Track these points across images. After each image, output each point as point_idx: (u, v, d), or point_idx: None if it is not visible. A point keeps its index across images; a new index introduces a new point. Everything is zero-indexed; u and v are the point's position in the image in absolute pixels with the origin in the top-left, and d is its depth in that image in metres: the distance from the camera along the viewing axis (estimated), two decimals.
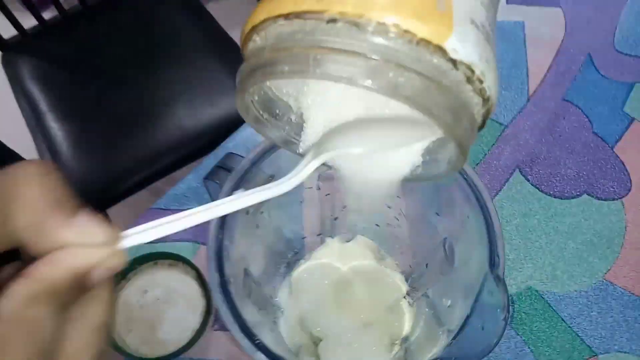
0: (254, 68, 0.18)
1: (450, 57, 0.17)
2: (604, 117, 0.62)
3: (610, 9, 0.70)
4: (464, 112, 0.19)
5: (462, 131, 0.19)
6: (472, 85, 0.18)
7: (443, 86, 0.17)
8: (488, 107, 0.20)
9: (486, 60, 0.18)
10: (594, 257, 0.53)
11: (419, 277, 0.37)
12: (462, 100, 0.18)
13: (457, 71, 0.18)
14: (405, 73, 0.17)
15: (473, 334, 0.23)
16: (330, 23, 0.17)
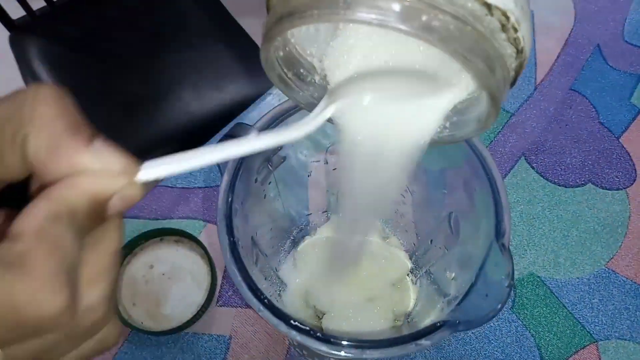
0: (282, 15, 0.18)
1: (485, 1, 0.17)
2: (610, 108, 0.61)
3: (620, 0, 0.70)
4: (498, 61, 0.18)
5: (495, 81, 0.18)
6: (506, 34, 0.18)
7: (478, 31, 0.17)
8: (521, 59, 0.19)
9: (521, 8, 0.18)
10: (596, 246, 0.53)
11: (423, 254, 0.38)
12: (497, 49, 0.18)
13: (492, 17, 0.17)
14: (439, 16, 0.16)
15: (477, 301, 0.24)
16: None
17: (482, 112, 0.21)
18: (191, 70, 0.90)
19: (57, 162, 0.15)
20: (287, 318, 0.23)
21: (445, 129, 0.23)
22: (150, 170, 0.17)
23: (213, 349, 0.47)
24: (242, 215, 0.28)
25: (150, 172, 0.17)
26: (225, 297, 0.49)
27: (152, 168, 0.17)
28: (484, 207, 0.27)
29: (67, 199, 0.15)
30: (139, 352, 0.47)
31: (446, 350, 0.48)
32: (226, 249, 0.24)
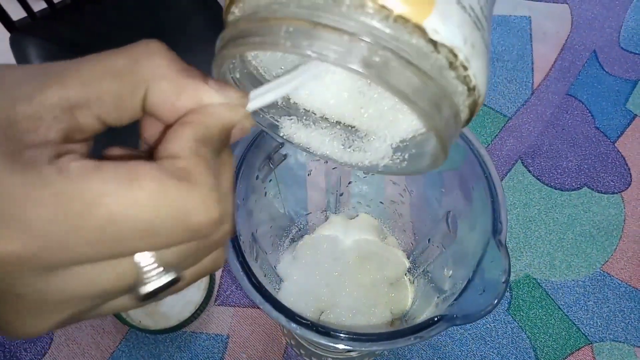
0: (228, 40, 0.18)
1: (430, 38, 0.16)
2: (606, 113, 0.62)
3: (616, 7, 0.71)
4: (445, 100, 0.17)
5: (441, 121, 0.17)
6: (455, 72, 0.17)
7: (422, 69, 0.16)
8: (474, 97, 0.18)
9: (472, 45, 0.17)
10: (592, 249, 0.54)
11: (420, 253, 0.38)
12: (444, 87, 0.17)
13: (439, 54, 0.16)
14: (379, 51, 0.15)
15: (474, 296, 0.24)
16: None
17: (434, 149, 0.20)
18: None
19: (185, 101, 0.17)
20: (288, 311, 0.23)
21: (404, 161, 0.23)
22: (258, 99, 0.18)
23: (211, 347, 0.47)
24: (244, 212, 0.28)
25: (258, 101, 0.18)
26: (223, 296, 0.50)
27: (258, 97, 0.18)
28: (481, 205, 0.27)
29: (206, 124, 0.17)
30: (137, 350, 0.47)
31: (442, 351, 0.48)
32: (228, 243, 0.25)
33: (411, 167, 0.23)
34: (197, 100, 0.17)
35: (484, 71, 0.18)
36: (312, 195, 0.40)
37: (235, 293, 0.50)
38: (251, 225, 0.31)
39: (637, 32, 0.69)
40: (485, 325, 0.49)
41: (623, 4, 0.71)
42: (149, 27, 0.98)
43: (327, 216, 0.43)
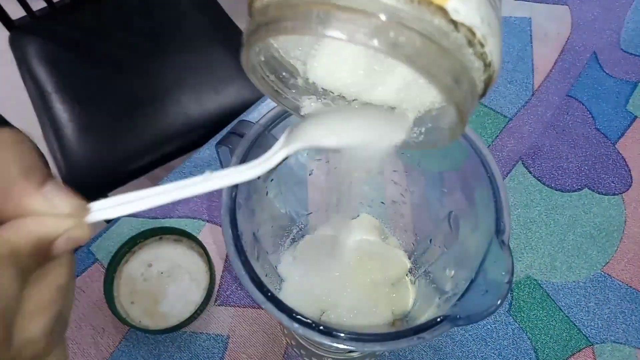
0: (259, 25, 0.18)
1: (451, 18, 0.17)
2: (606, 114, 0.62)
3: (616, 8, 0.71)
4: (464, 75, 0.18)
5: (461, 95, 0.18)
6: (473, 49, 0.18)
7: (443, 47, 0.17)
8: (489, 73, 0.19)
9: (488, 24, 0.18)
10: (592, 250, 0.54)
11: (422, 254, 0.38)
12: (463, 63, 0.18)
13: (459, 33, 0.17)
14: (405, 32, 0.17)
15: (477, 297, 0.24)
16: None
17: (452, 122, 0.21)
18: (190, 73, 0.91)
19: (6, 204, 0.16)
20: (290, 311, 0.23)
21: (420, 135, 0.24)
22: (98, 212, 0.18)
23: (211, 348, 0.47)
24: (245, 211, 0.28)
25: (100, 213, 0.18)
26: (223, 296, 0.49)
27: (101, 210, 0.18)
28: (483, 205, 0.27)
29: (9, 240, 0.16)
30: (137, 350, 0.47)
31: (443, 351, 0.48)
32: (230, 242, 0.24)
33: (428, 141, 0.24)
34: (21, 207, 0.16)
35: (498, 48, 0.19)
36: (313, 196, 0.40)
37: (235, 293, 0.50)
38: (253, 224, 0.31)
39: (637, 34, 0.69)
40: (486, 327, 0.49)
41: (623, 5, 0.71)
42: (147, 27, 0.98)
43: (328, 216, 0.43)
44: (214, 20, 0.99)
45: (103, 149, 0.84)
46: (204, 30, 0.97)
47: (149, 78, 0.91)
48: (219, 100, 0.88)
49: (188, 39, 0.96)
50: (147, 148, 0.85)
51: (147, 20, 0.99)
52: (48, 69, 0.91)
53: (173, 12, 0.99)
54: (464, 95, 0.19)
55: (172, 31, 0.97)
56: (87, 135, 0.84)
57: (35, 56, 0.93)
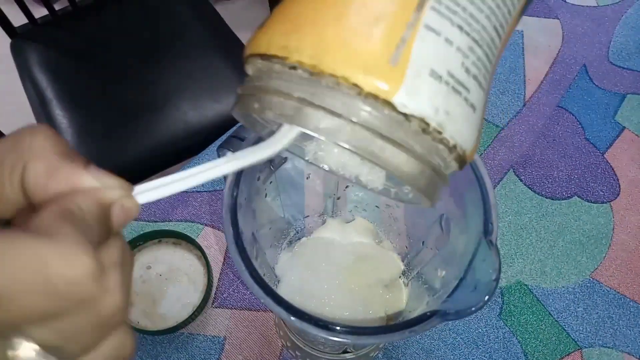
0: (240, 95, 0.20)
1: (400, 111, 0.17)
2: (596, 125, 0.64)
3: (606, 23, 0.73)
4: (422, 161, 0.19)
5: (417, 180, 0.19)
6: (430, 136, 0.18)
7: (391, 138, 0.18)
8: (458, 153, 0.19)
9: (445, 112, 0.18)
10: (581, 256, 0.55)
11: (414, 256, 0.39)
12: (419, 150, 0.18)
13: (411, 123, 0.18)
14: (350, 124, 0.17)
15: (466, 293, 0.25)
16: (292, 69, 0.18)
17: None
18: (189, 81, 0.92)
19: (58, 183, 0.16)
20: (288, 305, 0.24)
21: (409, 193, 0.25)
22: (144, 194, 0.19)
23: (207, 349, 0.48)
24: (246, 211, 0.29)
25: (142, 196, 0.19)
26: (221, 298, 0.50)
27: (145, 192, 0.19)
28: (473, 207, 0.29)
29: (75, 201, 0.16)
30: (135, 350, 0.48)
31: (435, 354, 0.49)
32: (231, 240, 0.26)
33: (415, 200, 0.25)
34: (71, 184, 0.17)
35: (466, 130, 0.19)
36: (309, 199, 0.41)
37: (232, 296, 0.50)
38: (252, 225, 0.32)
39: (626, 47, 0.71)
40: (477, 330, 0.51)
41: (612, 20, 0.73)
42: (148, 35, 0.99)
43: (324, 220, 0.44)
44: (213, 30, 1.00)
45: (102, 155, 0.85)
46: (204, 39, 0.98)
47: (149, 85, 0.92)
48: (218, 108, 0.89)
49: (188, 47, 0.97)
50: (146, 155, 0.86)
51: (148, 28, 1.00)
52: (49, 76, 0.93)
53: (173, 21, 1.01)
54: (420, 180, 0.19)
55: (172, 40, 0.98)
56: (86, 142, 0.85)
57: (36, 63, 0.94)
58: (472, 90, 0.19)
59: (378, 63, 0.17)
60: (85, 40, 0.98)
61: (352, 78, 0.17)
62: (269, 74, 0.19)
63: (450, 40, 0.18)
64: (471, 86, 0.19)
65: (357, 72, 0.17)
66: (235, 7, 1.67)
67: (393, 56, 0.17)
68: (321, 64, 0.17)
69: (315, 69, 0.17)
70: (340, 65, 0.17)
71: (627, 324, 0.52)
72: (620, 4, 0.75)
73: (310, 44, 0.18)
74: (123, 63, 0.95)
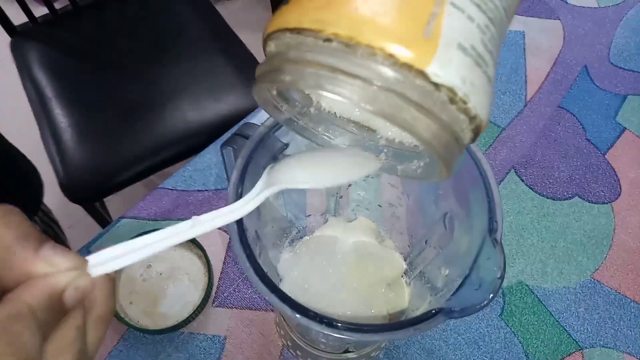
0: (266, 71, 0.20)
1: (432, 81, 0.18)
2: (597, 125, 0.64)
3: (607, 24, 0.73)
4: (447, 130, 0.20)
5: (442, 148, 0.20)
6: (455, 105, 0.19)
7: (422, 106, 0.19)
8: (477, 123, 0.20)
9: (471, 83, 0.19)
10: (582, 257, 0.55)
11: (417, 255, 0.39)
12: (445, 119, 0.19)
13: (440, 92, 0.19)
14: (385, 92, 0.18)
15: (470, 292, 0.25)
16: (326, 42, 0.19)
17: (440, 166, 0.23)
18: (190, 80, 0.92)
19: (11, 273, 0.17)
20: (292, 302, 0.24)
21: (419, 168, 0.26)
22: (98, 266, 0.19)
23: (208, 348, 0.48)
24: None
25: (99, 268, 0.19)
26: (221, 297, 0.50)
27: (99, 264, 0.19)
28: (477, 205, 0.28)
29: (25, 299, 0.17)
30: (135, 350, 0.47)
31: (437, 354, 0.49)
32: (235, 237, 0.25)
33: (426, 174, 0.25)
34: (25, 272, 0.18)
35: (485, 102, 0.20)
36: (311, 199, 0.41)
37: (233, 295, 0.50)
38: (256, 223, 0.32)
39: (627, 49, 0.71)
40: (479, 330, 0.50)
41: (613, 21, 0.73)
42: (148, 34, 0.99)
43: (327, 219, 0.44)
44: (214, 29, 1.00)
45: (102, 154, 0.85)
46: (204, 38, 0.98)
47: (149, 84, 0.92)
48: (218, 107, 0.89)
49: (188, 46, 0.97)
50: (145, 154, 0.86)
51: (148, 27, 1.00)
52: (48, 75, 0.92)
53: (174, 20, 1.01)
54: (445, 147, 0.20)
55: (173, 39, 0.98)
56: (86, 141, 0.85)
57: (36, 62, 0.94)
58: (489, 64, 0.20)
59: (413, 35, 0.18)
60: (85, 40, 0.98)
61: (389, 48, 0.18)
62: (298, 48, 0.19)
63: (472, 17, 0.19)
64: (488, 60, 0.20)
65: (393, 43, 0.18)
66: (236, 7, 1.67)
67: (427, 29, 0.18)
68: (358, 35, 0.18)
69: (352, 40, 0.18)
70: (377, 37, 0.18)
71: (627, 325, 0.52)
72: (621, 5, 0.75)
73: (346, 18, 0.18)
74: (123, 62, 0.95)
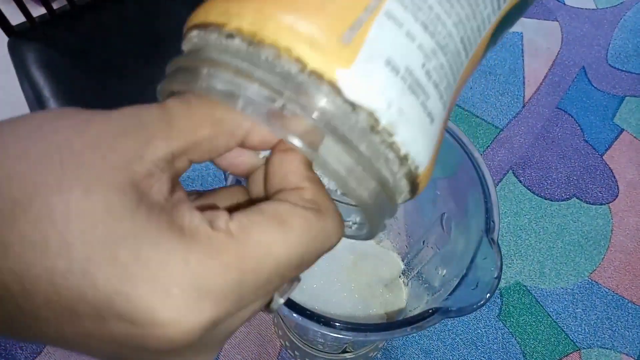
0: (166, 74, 0.18)
1: (345, 97, 0.15)
2: (594, 127, 0.64)
3: (605, 25, 0.73)
4: (368, 168, 0.16)
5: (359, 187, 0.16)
6: (378, 137, 0.15)
7: (335, 128, 0.15)
8: (409, 167, 0.16)
9: (399, 110, 0.15)
10: (580, 258, 0.55)
11: (415, 256, 0.39)
12: (364, 151, 0.15)
13: (358, 116, 0.15)
14: (289, 104, 0.15)
15: (468, 291, 0.25)
16: (229, 38, 0.16)
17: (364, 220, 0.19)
18: None
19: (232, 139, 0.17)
20: (290, 301, 0.24)
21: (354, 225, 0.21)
22: None
23: None
24: None
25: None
26: None
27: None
28: (474, 205, 0.28)
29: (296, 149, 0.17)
30: None
31: (434, 355, 0.49)
32: None
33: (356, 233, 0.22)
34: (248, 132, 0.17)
35: (421, 140, 0.16)
36: None
37: None
38: None
39: (625, 50, 0.71)
40: (476, 331, 0.50)
41: (611, 23, 0.74)
42: (146, 34, 0.99)
43: None
44: None
45: None
46: None
47: (147, 85, 0.92)
48: None
49: None
50: None
51: (147, 27, 1.00)
52: (46, 75, 0.92)
53: (172, 20, 1.01)
54: (363, 189, 0.16)
55: (171, 39, 0.98)
56: None
57: (34, 62, 0.94)
58: (431, 97, 0.16)
59: (328, 38, 0.15)
60: (83, 39, 0.98)
61: (296, 50, 0.15)
62: (202, 49, 0.16)
63: (412, 35, 0.15)
64: (431, 92, 0.16)
65: (302, 44, 0.15)
66: None
67: (346, 34, 0.15)
68: (262, 30, 0.15)
69: (255, 37, 0.15)
70: (284, 35, 0.15)
71: (625, 325, 0.52)
72: (619, 6, 0.75)
73: (253, 9, 0.15)
74: (121, 62, 0.94)
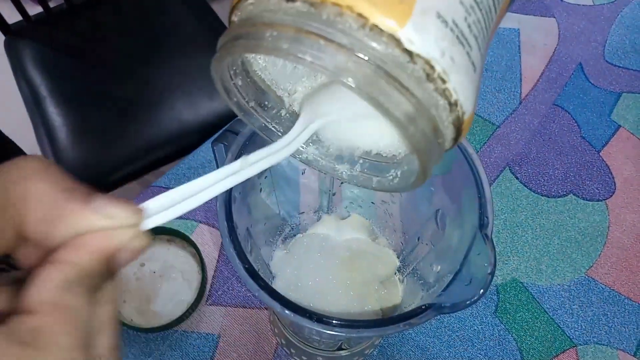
0: (222, 44, 0.18)
1: (405, 48, 0.16)
2: (591, 123, 0.64)
3: (602, 21, 0.73)
4: (423, 114, 0.17)
5: (416, 132, 0.17)
6: (433, 84, 0.17)
7: (395, 78, 0.16)
8: (457, 114, 0.18)
9: (451, 59, 0.17)
10: (577, 254, 0.55)
11: (410, 252, 0.39)
12: (421, 97, 0.17)
13: (415, 65, 0.16)
14: (353, 57, 0.16)
15: (461, 287, 0.25)
16: (289, 2, 0.16)
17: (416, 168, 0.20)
18: (184, 78, 0.92)
19: (60, 229, 0.15)
20: (282, 299, 0.24)
21: (396, 178, 0.23)
22: (154, 218, 0.17)
23: (201, 346, 0.48)
24: (240, 205, 0.29)
25: (154, 219, 0.17)
26: (215, 296, 0.50)
27: (155, 215, 0.17)
28: (468, 202, 0.28)
29: (78, 262, 0.15)
30: (128, 348, 0.47)
31: (431, 351, 0.49)
32: (225, 233, 0.25)
33: (400, 185, 0.23)
34: (75, 228, 0.15)
35: (468, 87, 0.18)
36: (305, 196, 0.41)
37: (226, 293, 0.50)
38: (247, 220, 0.31)
39: (621, 46, 0.71)
40: (473, 328, 0.50)
41: (608, 19, 0.73)
42: (143, 33, 0.99)
43: (320, 216, 0.44)
44: (209, 27, 1.00)
45: (96, 153, 0.85)
46: (199, 36, 0.98)
47: (144, 83, 0.92)
48: (213, 106, 0.89)
49: (183, 45, 0.97)
50: (140, 153, 0.86)
51: (143, 26, 1.00)
52: (43, 73, 0.92)
53: (168, 18, 1.00)
54: (419, 133, 0.17)
55: (168, 37, 0.98)
56: (80, 140, 0.85)
57: (31, 60, 0.94)
58: (473, 47, 0.18)
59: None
60: (79, 38, 0.98)
61: (357, 7, 0.16)
62: (260, 14, 0.17)
63: None
64: (472, 43, 0.18)
65: (363, 2, 0.16)
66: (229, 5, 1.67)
67: None
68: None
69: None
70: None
71: (621, 322, 0.52)
72: (616, 3, 0.75)
73: None
74: (118, 61, 0.94)
